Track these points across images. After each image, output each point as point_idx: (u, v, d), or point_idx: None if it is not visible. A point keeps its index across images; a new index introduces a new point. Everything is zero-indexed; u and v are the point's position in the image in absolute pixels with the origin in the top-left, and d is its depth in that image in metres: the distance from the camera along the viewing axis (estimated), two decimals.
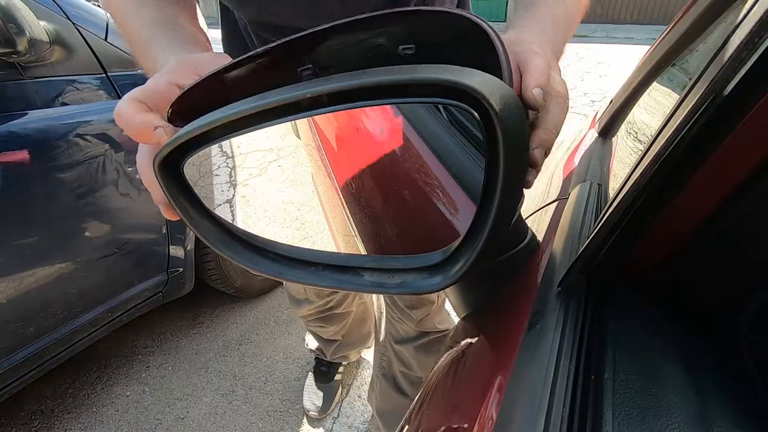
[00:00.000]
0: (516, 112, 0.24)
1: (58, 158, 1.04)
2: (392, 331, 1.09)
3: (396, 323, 1.06)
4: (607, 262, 0.35)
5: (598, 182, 0.62)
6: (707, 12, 0.65)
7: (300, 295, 1.22)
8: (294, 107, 0.28)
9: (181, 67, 0.37)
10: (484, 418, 0.30)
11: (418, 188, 0.40)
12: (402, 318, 1.02)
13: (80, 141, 1.08)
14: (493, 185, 0.25)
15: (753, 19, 0.23)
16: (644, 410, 0.25)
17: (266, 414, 1.45)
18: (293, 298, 1.26)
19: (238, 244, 0.37)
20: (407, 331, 1.05)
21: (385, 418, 1.21)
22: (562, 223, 0.52)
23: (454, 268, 0.31)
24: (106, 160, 1.14)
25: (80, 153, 1.08)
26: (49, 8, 1.06)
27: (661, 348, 0.31)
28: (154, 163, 0.32)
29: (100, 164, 1.13)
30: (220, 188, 0.41)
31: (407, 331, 1.05)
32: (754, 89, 0.24)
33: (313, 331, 1.39)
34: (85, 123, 1.09)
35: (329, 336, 1.36)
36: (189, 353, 1.69)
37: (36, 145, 1.00)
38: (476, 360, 0.42)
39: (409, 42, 0.30)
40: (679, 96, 0.32)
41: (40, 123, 1.02)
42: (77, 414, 1.45)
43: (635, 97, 0.84)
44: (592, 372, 0.28)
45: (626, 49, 7.41)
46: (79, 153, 1.08)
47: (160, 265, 1.38)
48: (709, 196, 0.30)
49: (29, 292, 1.05)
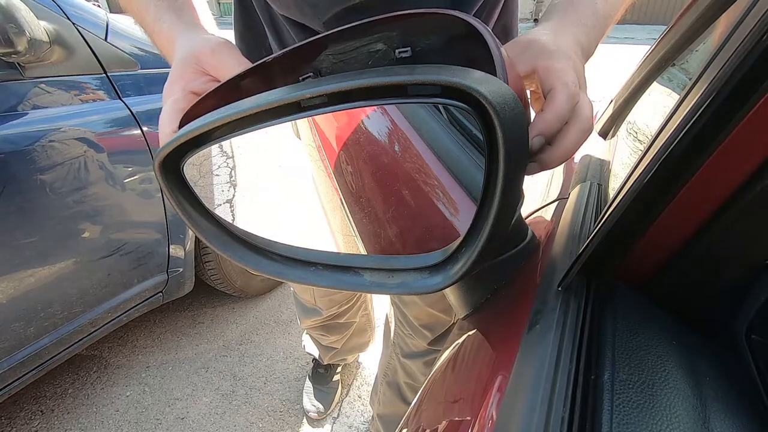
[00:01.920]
0: (516, 111, 0.24)
1: (58, 159, 1.04)
2: (401, 344, 1.05)
3: (406, 338, 1.01)
4: (607, 262, 0.35)
5: (598, 182, 0.62)
6: (707, 12, 0.65)
7: (310, 304, 1.19)
8: (294, 107, 0.29)
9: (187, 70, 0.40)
10: (484, 417, 0.30)
11: (418, 188, 0.40)
12: (414, 334, 0.98)
13: (80, 141, 1.08)
14: (493, 185, 0.25)
15: (753, 19, 0.23)
16: (644, 410, 0.25)
17: (266, 414, 1.45)
18: (303, 307, 1.23)
19: (238, 244, 0.37)
20: (417, 347, 1.00)
21: (385, 421, 1.21)
22: (562, 223, 0.52)
23: (454, 268, 0.31)
24: (106, 161, 1.14)
25: (80, 153, 1.08)
26: (49, 8, 1.06)
27: (661, 348, 0.31)
28: (154, 163, 0.32)
29: (100, 164, 1.13)
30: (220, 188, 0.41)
31: (417, 346, 1.00)
32: (754, 89, 0.24)
33: (314, 336, 1.38)
34: (85, 123, 1.09)
35: (328, 343, 1.36)
36: (189, 353, 1.69)
37: (36, 145, 1.00)
38: (476, 360, 0.42)
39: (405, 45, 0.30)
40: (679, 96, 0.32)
41: (40, 123, 1.02)
42: (77, 414, 1.45)
43: (635, 97, 0.84)
44: (592, 372, 0.28)
45: (626, 49, 7.41)
46: (79, 153, 1.08)
47: (160, 265, 1.38)
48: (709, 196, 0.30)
49: (29, 292, 1.05)
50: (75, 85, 1.11)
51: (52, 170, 1.03)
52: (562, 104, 0.32)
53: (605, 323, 0.32)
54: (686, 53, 0.70)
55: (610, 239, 0.32)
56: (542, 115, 0.33)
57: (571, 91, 0.33)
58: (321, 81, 0.27)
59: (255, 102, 0.29)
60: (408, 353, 1.04)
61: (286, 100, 0.28)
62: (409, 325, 0.98)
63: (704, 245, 0.33)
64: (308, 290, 1.12)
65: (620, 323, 0.32)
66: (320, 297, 1.13)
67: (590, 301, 0.34)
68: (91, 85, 1.15)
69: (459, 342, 0.50)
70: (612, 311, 0.34)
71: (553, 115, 0.32)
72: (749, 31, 0.23)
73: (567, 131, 0.33)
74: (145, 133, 1.22)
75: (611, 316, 0.33)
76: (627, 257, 0.36)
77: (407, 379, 1.08)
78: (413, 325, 0.97)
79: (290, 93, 0.27)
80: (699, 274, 0.35)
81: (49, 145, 1.02)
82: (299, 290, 1.15)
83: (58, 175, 1.05)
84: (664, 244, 0.34)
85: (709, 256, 0.33)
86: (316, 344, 1.40)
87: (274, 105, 0.28)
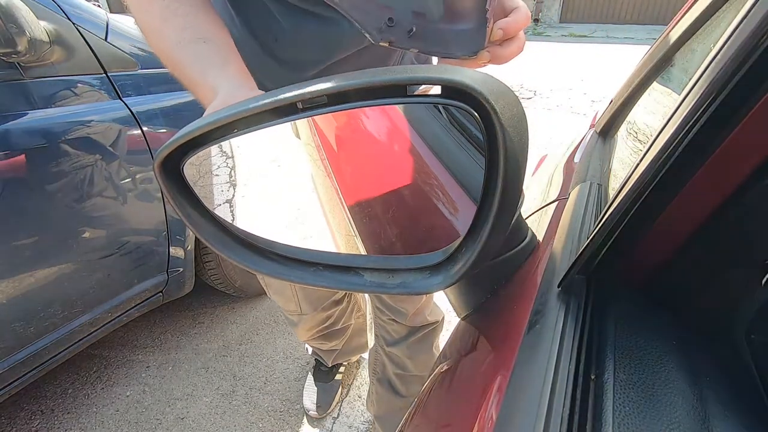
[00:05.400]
0: (516, 111, 0.24)
1: (58, 158, 1.04)
2: (383, 334, 1.08)
3: (387, 325, 1.05)
4: (607, 262, 0.35)
5: (598, 182, 0.62)
6: (707, 12, 0.65)
7: (294, 315, 1.17)
8: (294, 107, 0.28)
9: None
10: (484, 418, 0.30)
11: (418, 188, 0.40)
12: (393, 317, 1.02)
13: (80, 141, 1.08)
14: (493, 185, 0.25)
15: (753, 19, 0.23)
16: (644, 410, 0.25)
17: (266, 414, 1.45)
18: (289, 320, 1.21)
19: (238, 245, 0.37)
20: (398, 331, 1.05)
21: (384, 422, 1.21)
22: (562, 223, 0.52)
23: (454, 267, 0.31)
24: (106, 160, 1.14)
25: (80, 153, 1.08)
26: (49, 8, 1.06)
27: (661, 348, 0.31)
28: (154, 163, 0.32)
29: (100, 164, 1.13)
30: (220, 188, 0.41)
31: (398, 330, 1.05)
32: (754, 89, 0.24)
33: (314, 346, 1.38)
34: (85, 123, 1.09)
35: (328, 348, 1.36)
36: (189, 353, 1.69)
37: (36, 145, 1.00)
38: (476, 360, 0.42)
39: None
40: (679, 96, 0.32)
41: (40, 123, 1.02)
42: (77, 414, 1.45)
43: (635, 97, 0.84)
44: (592, 372, 0.28)
45: (626, 49, 7.42)
46: (80, 153, 1.08)
47: (160, 265, 1.38)
48: (709, 196, 0.30)
49: (29, 292, 1.05)
50: (75, 85, 1.11)
51: (52, 170, 1.03)
52: (523, 18, 0.48)
53: (605, 323, 0.32)
54: (686, 53, 0.70)
55: (610, 239, 0.32)
56: (508, 19, 0.47)
57: (528, 12, 0.49)
58: (321, 81, 0.27)
59: (255, 102, 0.29)
60: (391, 341, 1.07)
61: (286, 100, 0.27)
62: (387, 308, 1.02)
63: (704, 245, 0.33)
64: (292, 300, 1.10)
65: (620, 323, 0.32)
66: (303, 299, 1.12)
67: (590, 301, 0.34)
68: (92, 85, 1.15)
69: (459, 342, 0.50)
70: (612, 311, 0.34)
71: (515, 22, 0.47)
72: (749, 31, 0.23)
73: (514, 40, 0.48)
74: (145, 133, 1.22)
75: (611, 316, 0.33)
76: (627, 257, 0.36)
77: (396, 370, 1.11)
78: (391, 306, 1.01)
79: (290, 93, 0.27)
80: (699, 274, 0.35)
81: (50, 146, 1.02)
82: (283, 303, 1.13)
83: (59, 175, 1.05)
84: (664, 244, 0.34)
85: (709, 256, 0.33)
86: (318, 351, 1.41)
87: (274, 105, 0.28)
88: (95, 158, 1.12)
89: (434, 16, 0.43)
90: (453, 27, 0.44)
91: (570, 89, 5.20)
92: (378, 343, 1.12)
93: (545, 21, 11.45)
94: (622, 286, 0.37)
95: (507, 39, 0.48)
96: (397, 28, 0.42)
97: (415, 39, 0.43)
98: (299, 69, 0.67)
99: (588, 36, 9.28)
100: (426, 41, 0.44)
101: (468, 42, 0.45)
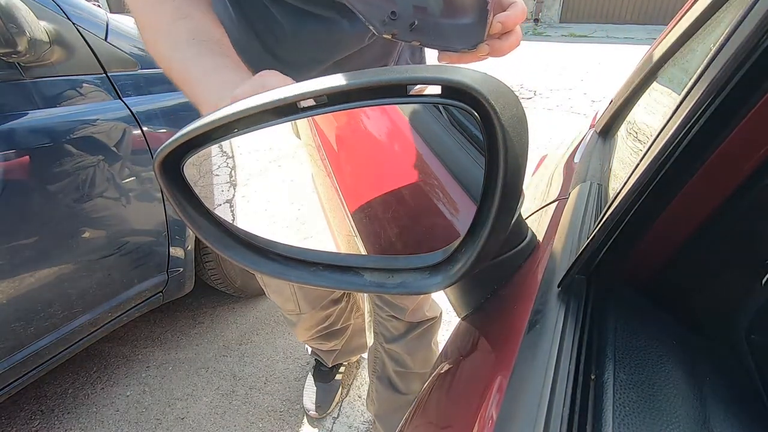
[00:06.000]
0: (516, 111, 0.24)
1: (59, 158, 1.04)
2: (382, 331, 1.09)
3: (386, 322, 1.06)
4: (607, 262, 0.35)
5: (598, 182, 0.62)
6: (707, 12, 0.65)
7: (292, 314, 1.17)
8: (294, 107, 0.28)
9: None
10: (484, 418, 0.30)
11: (418, 188, 0.40)
12: (393, 313, 1.02)
13: (80, 141, 1.08)
14: (493, 185, 0.25)
15: (753, 19, 0.23)
16: (644, 410, 0.25)
17: (266, 414, 1.45)
18: (287, 320, 1.22)
19: (238, 245, 0.37)
20: (398, 328, 1.06)
21: (384, 421, 1.21)
22: (562, 223, 0.52)
23: (454, 267, 0.31)
24: (106, 160, 1.14)
25: (80, 153, 1.08)
26: (49, 8, 1.06)
27: (661, 348, 0.31)
28: (154, 163, 0.32)
29: (100, 164, 1.13)
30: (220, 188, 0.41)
31: (397, 327, 1.05)
32: (754, 89, 0.24)
33: (314, 347, 1.38)
34: (85, 123, 1.09)
35: (328, 348, 1.36)
36: (189, 353, 1.69)
37: (36, 145, 1.00)
38: (476, 360, 0.42)
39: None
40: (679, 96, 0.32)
41: (40, 123, 1.02)
42: (77, 414, 1.45)
43: (635, 97, 0.84)
44: (592, 372, 0.28)
45: (626, 49, 7.42)
46: (80, 153, 1.08)
47: (160, 265, 1.38)
48: (709, 196, 0.30)
49: (29, 292, 1.05)
50: (75, 85, 1.11)
51: (52, 170, 1.03)
52: (520, 12, 0.49)
53: (605, 323, 0.32)
54: (686, 53, 0.70)
55: (610, 239, 0.32)
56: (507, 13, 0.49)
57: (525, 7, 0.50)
58: (321, 81, 0.27)
59: (255, 102, 0.29)
60: (391, 338, 1.07)
61: (286, 100, 0.27)
62: (387, 304, 1.02)
63: (704, 245, 0.33)
64: (290, 299, 1.11)
65: (620, 323, 0.32)
66: (302, 299, 1.12)
67: (590, 301, 0.34)
68: (92, 85, 1.15)
69: (459, 342, 0.50)
70: (612, 311, 0.34)
71: (514, 16, 0.48)
72: (749, 31, 0.23)
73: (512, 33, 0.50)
74: (145, 133, 1.22)
75: (611, 316, 0.33)
76: (627, 257, 0.36)
77: (396, 367, 1.11)
78: (390, 303, 1.01)
79: (290, 93, 0.27)
80: (699, 274, 0.35)
81: (50, 145, 1.02)
82: (281, 302, 1.14)
83: (59, 175, 1.05)
84: (664, 244, 0.34)
85: (709, 256, 0.33)
86: (318, 351, 1.41)
87: (274, 105, 0.28)
88: (95, 158, 1.12)
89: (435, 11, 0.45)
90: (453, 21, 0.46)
91: (570, 89, 5.20)
92: (377, 340, 1.12)
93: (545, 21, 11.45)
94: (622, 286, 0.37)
95: (505, 32, 0.50)
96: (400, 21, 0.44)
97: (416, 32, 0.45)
98: (300, 69, 0.68)
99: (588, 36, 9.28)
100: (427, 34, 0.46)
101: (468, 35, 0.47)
